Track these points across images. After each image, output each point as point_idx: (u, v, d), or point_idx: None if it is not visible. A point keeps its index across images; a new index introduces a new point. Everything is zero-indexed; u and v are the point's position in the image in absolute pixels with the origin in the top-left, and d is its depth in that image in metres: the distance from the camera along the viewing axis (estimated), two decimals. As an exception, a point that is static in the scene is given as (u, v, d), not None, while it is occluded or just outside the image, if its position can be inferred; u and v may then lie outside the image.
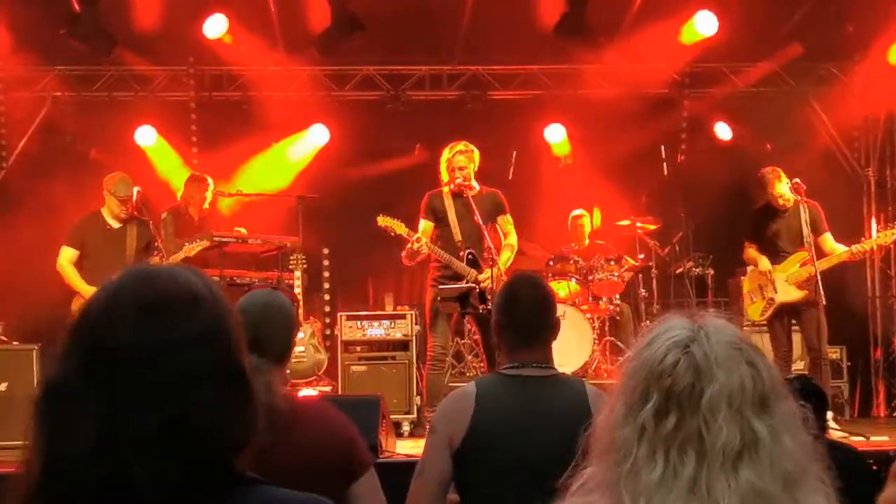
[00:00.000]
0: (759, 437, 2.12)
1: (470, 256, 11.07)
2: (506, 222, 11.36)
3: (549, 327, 4.96)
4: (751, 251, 11.97)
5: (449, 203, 11.23)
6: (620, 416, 2.20)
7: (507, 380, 4.80)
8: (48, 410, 2.01)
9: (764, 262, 11.73)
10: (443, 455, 4.69)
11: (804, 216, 11.34)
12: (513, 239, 11.33)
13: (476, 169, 11.26)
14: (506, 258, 11.08)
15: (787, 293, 11.60)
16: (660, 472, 2.11)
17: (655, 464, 2.12)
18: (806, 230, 11.22)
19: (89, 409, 1.96)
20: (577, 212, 13.87)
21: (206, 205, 12.44)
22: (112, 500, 1.96)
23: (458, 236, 11.15)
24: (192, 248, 11.37)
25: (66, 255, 11.39)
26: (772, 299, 11.71)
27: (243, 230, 12.13)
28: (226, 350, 2.09)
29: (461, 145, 11.28)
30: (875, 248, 12.01)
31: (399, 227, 11.17)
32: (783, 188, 11.45)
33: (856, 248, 11.54)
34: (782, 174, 11.53)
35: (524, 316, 4.91)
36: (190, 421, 1.98)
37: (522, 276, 5.48)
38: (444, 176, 11.30)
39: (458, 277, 11.00)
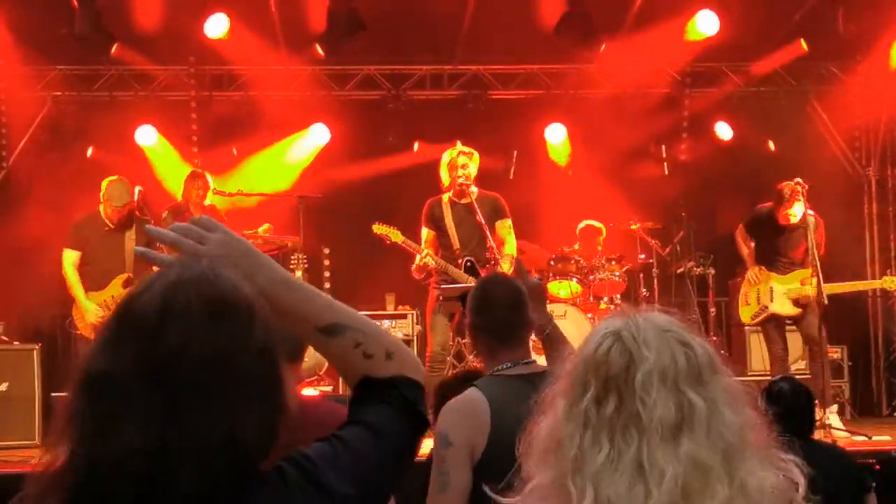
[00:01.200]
0: (696, 408, 2.17)
1: (468, 264, 11.09)
2: (503, 227, 11.35)
3: (524, 325, 4.93)
4: (738, 238, 12.04)
5: (447, 210, 11.27)
6: (563, 414, 2.26)
7: (509, 380, 4.73)
8: (96, 403, 1.99)
9: (752, 266, 11.83)
10: (466, 466, 4.56)
11: (811, 233, 11.24)
12: (511, 248, 11.32)
13: (476, 172, 11.28)
14: (506, 269, 10.94)
15: (783, 307, 11.67)
16: (604, 455, 2.17)
17: (600, 448, 2.18)
18: (811, 243, 11.17)
19: (144, 407, 1.96)
20: (589, 222, 13.66)
21: (206, 201, 12.44)
22: (149, 500, 1.96)
23: (456, 244, 11.18)
24: None
25: (70, 259, 11.34)
26: (765, 307, 11.76)
27: (266, 226, 12.15)
28: (274, 359, 2.11)
29: (462, 147, 11.31)
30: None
31: (395, 235, 11.23)
32: (797, 209, 11.38)
33: (858, 284, 11.71)
34: (801, 196, 11.38)
35: (499, 316, 4.89)
36: (246, 429, 2.00)
37: (494, 276, 5.48)
38: (445, 179, 11.31)
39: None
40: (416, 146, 14.59)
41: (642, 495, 2.13)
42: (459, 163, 11.20)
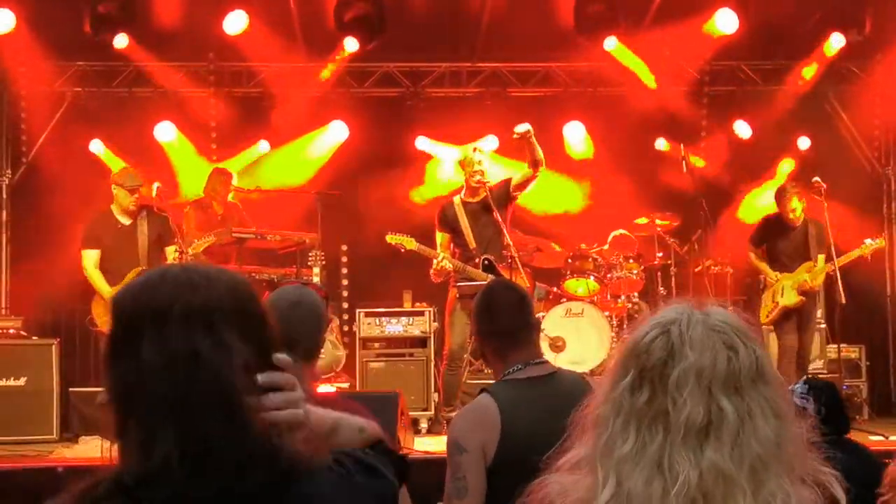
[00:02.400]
0: (726, 415, 2.15)
1: (486, 262, 11.11)
2: (517, 174, 11.29)
3: (530, 326, 4.97)
4: (752, 258, 12.35)
5: (461, 212, 11.29)
6: (604, 394, 2.27)
7: (519, 384, 4.76)
8: (139, 409, 2.01)
9: (770, 273, 12.11)
10: (481, 469, 4.60)
11: (812, 233, 12.04)
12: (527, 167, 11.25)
13: (489, 170, 11.33)
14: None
15: (789, 297, 12.03)
16: (630, 445, 2.17)
17: (628, 437, 2.18)
18: (813, 244, 11.76)
19: (153, 422, 1.98)
20: (622, 232, 13.66)
21: (230, 197, 12.48)
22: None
23: (472, 244, 11.20)
24: (200, 245, 11.39)
25: (91, 259, 11.36)
26: (777, 303, 11.99)
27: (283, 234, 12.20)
28: (264, 356, 2.15)
29: (476, 146, 11.34)
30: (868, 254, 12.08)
31: (409, 243, 11.26)
32: (798, 205, 11.83)
33: (839, 260, 11.85)
34: (800, 195, 11.82)
35: (504, 320, 4.91)
36: (250, 422, 2.03)
37: (494, 282, 5.48)
38: (460, 178, 11.35)
39: None
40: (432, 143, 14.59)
41: (660, 493, 2.13)
42: (475, 159, 11.20)
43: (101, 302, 11.31)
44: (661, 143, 14.83)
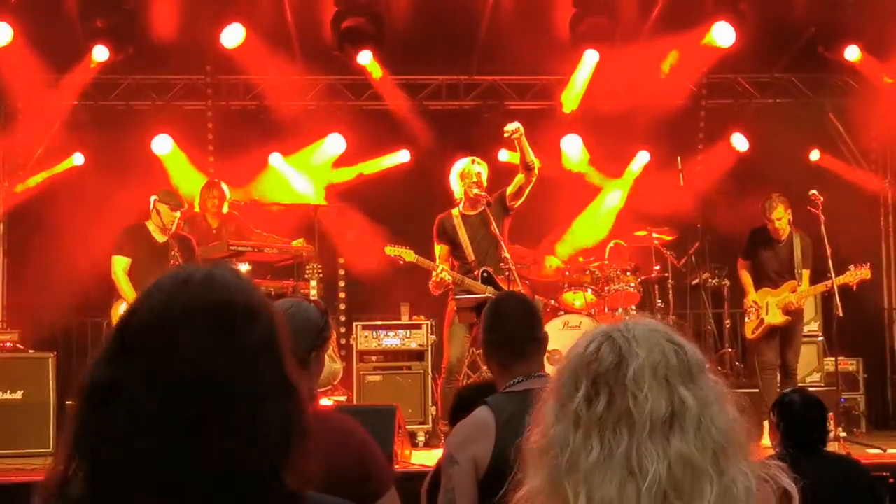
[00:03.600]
0: (687, 405, 2.17)
1: (485, 274, 11.10)
2: (514, 182, 11.25)
3: (537, 339, 4.94)
4: (743, 274, 12.33)
5: (459, 223, 11.25)
6: (553, 415, 2.27)
7: (518, 396, 4.66)
8: (106, 415, 1.97)
9: (751, 293, 12.09)
10: (471, 482, 4.59)
11: (797, 247, 12.00)
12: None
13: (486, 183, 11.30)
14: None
15: (775, 316, 11.99)
16: (596, 454, 2.16)
17: (592, 447, 2.17)
18: (798, 259, 11.73)
19: (160, 416, 1.94)
20: (617, 242, 13.71)
21: (224, 209, 12.47)
22: None
23: (471, 256, 11.17)
24: (207, 251, 11.40)
25: (121, 264, 11.29)
26: (762, 320, 11.97)
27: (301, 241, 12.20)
28: (282, 358, 2.07)
29: (474, 158, 11.31)
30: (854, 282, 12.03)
31: (408, 255, 11.24)
32: (784, 215, 11.83)
33: (818, 286, 11.93)
34: (786, 205, 11.80)
35: (512, 331, 4.90)
36: (269, 432, 1.98)
37: (507, 293, 5.47)
38: (457, 191, 11.29)
39: None
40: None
41: (634, 496, 2.12)
42: (473, 171, 11.18)
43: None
44: (659, 156, 14.82)
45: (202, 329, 1.99)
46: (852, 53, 13.48)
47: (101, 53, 12.94)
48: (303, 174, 14.64)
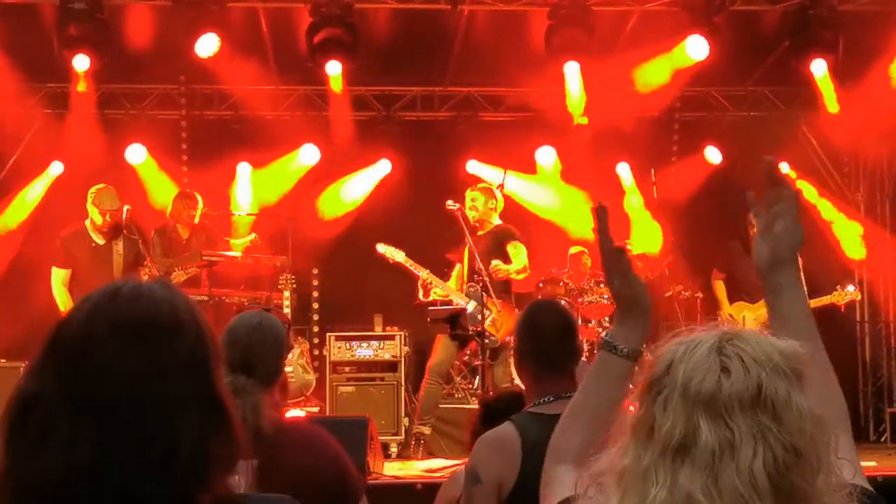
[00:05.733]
0: (701, 437, 2.08)
1: (471, 289, 11.21)
2: (513, 248, 11.54)
3: (571, 353, 4.82)
4: (717, 285, 12.33)
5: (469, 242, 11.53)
6: (633, 412, 2.22)
7: (546, 419, 4.41)
8: (24, 426, 1.97)
9: (725, 306, 12.11)
10: (492, 502, 4.48)
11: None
12: (518, 263, 11.50)
13: (493, 208, 11.45)
14: (507, 268, 11.45)
15: None
16: (630, 457, 2.14)
17: (626, 450, 2.15)
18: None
19: (72, 430, 1.93)
20: (576, 249, 13.76)
21: (196, 220, 12.43)
22: None
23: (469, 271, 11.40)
24: (180, 276, 11.36)
25: (59, 277, 11.25)
26: None
27: (253, 236, 12.17)
28: (206, 376, 2.06)
29: (476, 185, 11.64)
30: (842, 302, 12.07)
31: (397, 254, 11.36)
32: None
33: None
34: None
35: (546, 342, 4.76)
36: (180, 448, 1.96)
37: (543, 302, 5.36)
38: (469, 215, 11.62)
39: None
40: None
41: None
42: (468, 197, 11.44)
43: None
44: (633, 169, 14.85)
45: (124, 342, 1.99)
46: (818, 69, 13.50)
47: (81, 63, 12.86)
48: (275, 183, 14.62)
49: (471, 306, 11.14)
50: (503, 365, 11.28)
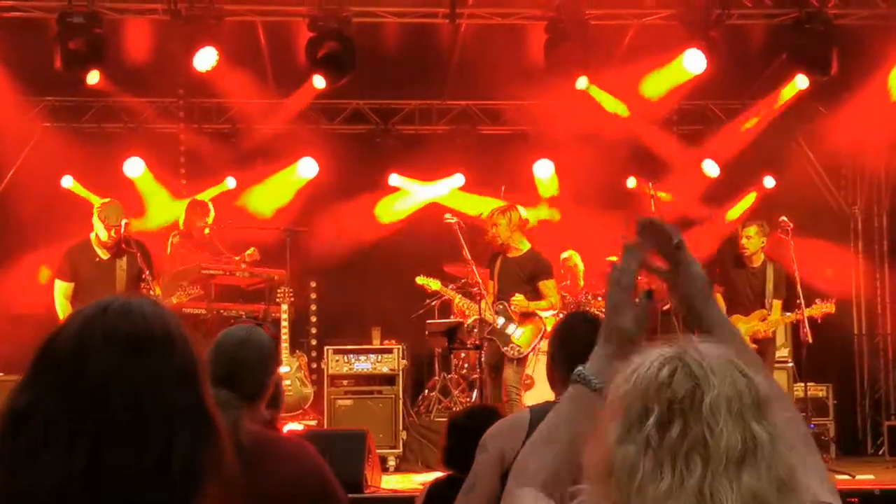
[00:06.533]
0: (759, 441, 2.12)
1: (500, 307, 11.22)
2: (543, 286, 11.48)
3: None
4: (716, 299, 12.31)
5: (497, 262, 11.57)
6: (618, 437, 2.18)
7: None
8: (16, 438, 1.99)
9: None
10: (495, 472, 4.69)
11: (770, 276, 12.02)
12: (545, 302, 11.44)
13: (515, 227, 11.42)
14: (530, 306, 11.36)
15: None
16: (667, 482, 2.10)
17: (662, 476, 2.11)
18: (769, 289, 11.76)
19: (66, 441, 1.95)
20: (565, 254, 13.83)
21: (206, 230, 12.39)
22: None
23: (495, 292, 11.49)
24: (182, 297, 11.35)
25: (62, 290, 11.20)
26: None
27: (252, 250, 12.15)
28: (196, 387, 2.09)
29: (494, 210, 11.71)
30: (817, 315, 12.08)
31: (434, 284, 11.51)
32: (752, 235, 11.89)
33: (788, 316, 11.98)
34: (762, 229, 11.87)
35: (577, 351, 4.88)
36: (173, 457, 1.98)
37: (578, 313, 5.53)
38: None
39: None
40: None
41: None
42: (489, 225, 11.47)
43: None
44: (631, 182, 14.85)
45: (118, 353, 2.02)
46: (801, 82, 13.53)
47: (92, 77, 12.86)
48: (273, 196, 14.65)
49: (500, 321, 11.17)
50: (512, 367, 11.23)
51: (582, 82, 13.56)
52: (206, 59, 13.05)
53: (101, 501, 1.94)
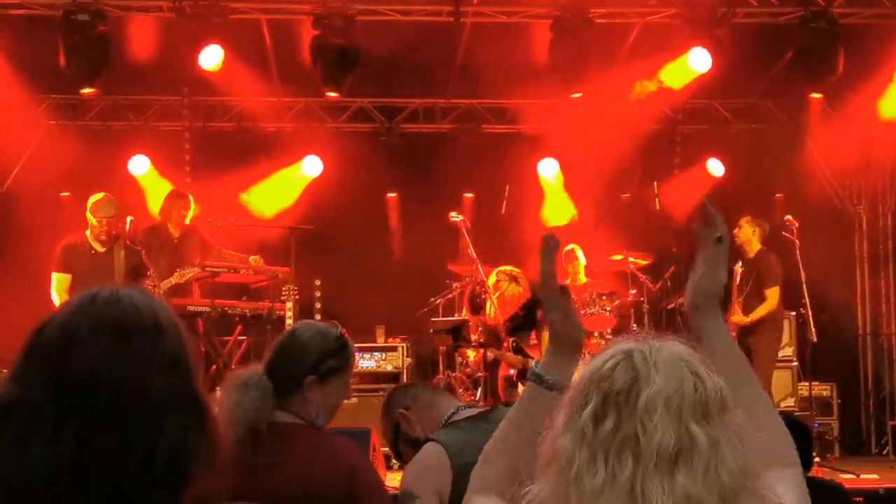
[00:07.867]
0: (697, 442, 2.08)
1: (514, 345, 11.23)
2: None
3: None
4: None
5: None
6: (562, 425, 2.19)
7: (459, 425, 4.63)
8: (6, 427, 1.99)
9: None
10: None
11: (755, 269, 12.33)
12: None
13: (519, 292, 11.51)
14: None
15: None
16: (601, 477, 2.09)
17: (596, 469, 2.10)
18: (752, 281, 11.88)
19: (55, 431, 1.96)
20: (567, 248, 13.81)
21: (186, 220, 12.35)
22: None
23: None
24: (184, 275, 11.35)
25: (60, 282, 11.25)
26: None
27: (256, 257, 12.14)
28: (187, 375, 2.09)
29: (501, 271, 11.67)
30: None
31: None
32: (748, 229, 11.97)
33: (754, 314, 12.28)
34: (753, 226, 11.94)
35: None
36: (161, 445, 1.98)
37: None
38: None
39: None
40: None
41: None
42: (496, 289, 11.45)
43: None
44: (635, 181, 14.85)
45: (105, 341, 2.02)
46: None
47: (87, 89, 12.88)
48: (278, 194, 14.66)
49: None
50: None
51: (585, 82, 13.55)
52: (210, 56, 13.06)
53: (90, 488, 1.94)
